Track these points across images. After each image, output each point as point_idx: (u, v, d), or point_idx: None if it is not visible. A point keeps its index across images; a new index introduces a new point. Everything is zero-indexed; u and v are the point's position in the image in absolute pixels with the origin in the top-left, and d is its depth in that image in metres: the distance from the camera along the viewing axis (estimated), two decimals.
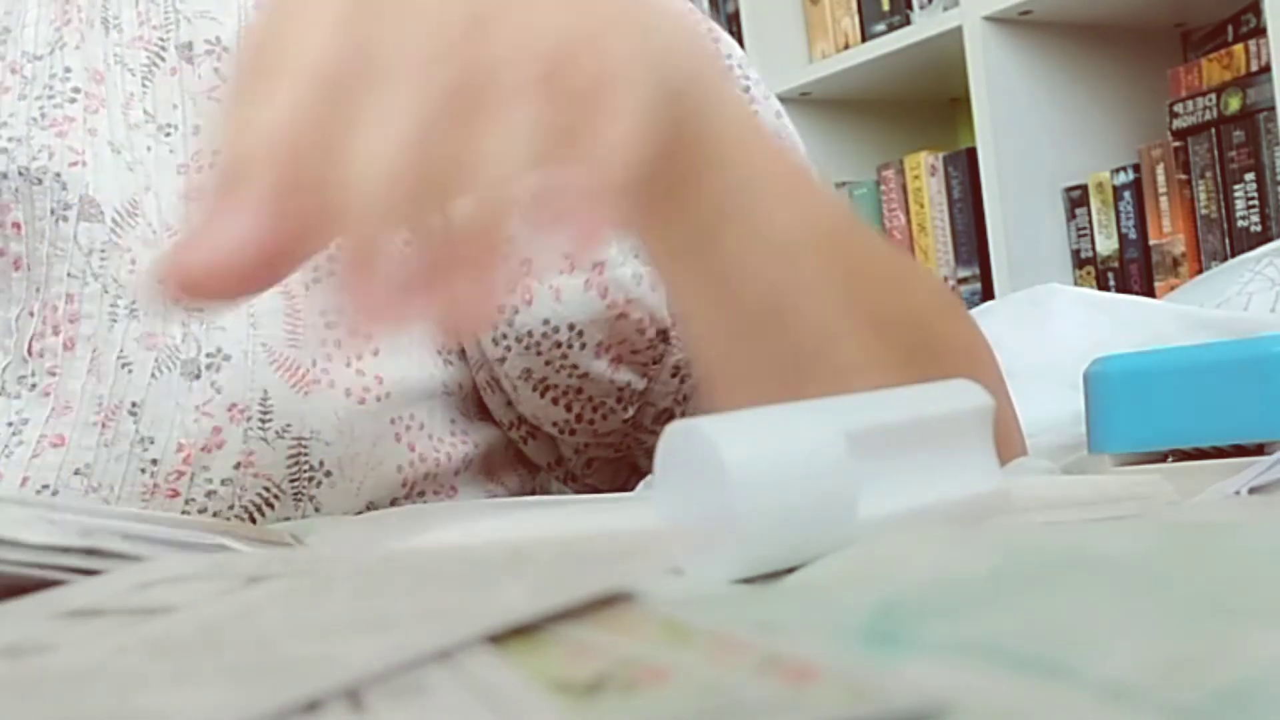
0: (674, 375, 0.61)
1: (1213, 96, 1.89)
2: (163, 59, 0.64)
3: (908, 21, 2.12)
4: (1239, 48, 1.87)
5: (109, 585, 0.22)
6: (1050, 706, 0.13)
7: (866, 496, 0.25)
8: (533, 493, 0.68)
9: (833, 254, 0.49)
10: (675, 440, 0.26)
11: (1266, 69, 1.77)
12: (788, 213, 0.48)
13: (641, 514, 0.34)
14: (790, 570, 0.23)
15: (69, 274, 0.59)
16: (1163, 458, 0.46)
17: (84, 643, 0.18)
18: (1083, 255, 2.04)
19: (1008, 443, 0.54)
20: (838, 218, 0.53)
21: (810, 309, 0.48)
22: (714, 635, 0.16)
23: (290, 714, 0.14)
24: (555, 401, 0.61)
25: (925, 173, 2.21)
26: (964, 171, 2.14)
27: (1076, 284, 1.99)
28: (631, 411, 0.62)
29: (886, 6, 2.16)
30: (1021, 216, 1.98)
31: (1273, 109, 1.79)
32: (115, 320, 0.58)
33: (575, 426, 0.62)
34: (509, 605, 0.17)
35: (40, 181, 0.60)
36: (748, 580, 0.24)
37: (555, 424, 0.62)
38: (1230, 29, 1.94)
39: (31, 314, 0.59)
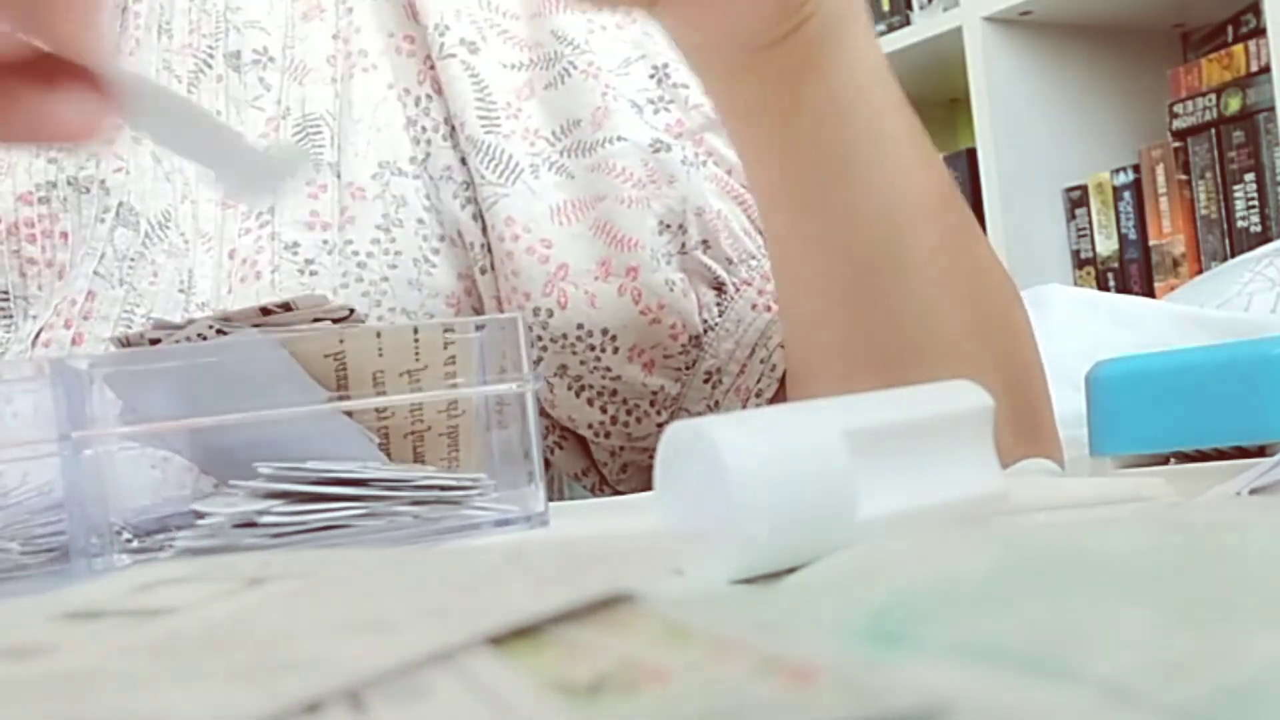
0: (706, 381, 0.62)
1: (1213, 97, 1.89)
2: (210, 66, 0.65)
3: (908, 22, 2.12)
4: (1239, 48, 1.87)
5: (109, 587, 0.22)
6: (1050, 706, 0.13)
7: (866, 496, 0.25)
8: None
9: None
10: (676, 440, 0.26)
11: (1266, 69, 1.77)
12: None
13: (641, 515, 0.34)
14: (790, 570, 0.23)
15: (95, 272, 0.60)
16: (1164, 460, 0.46)
17: (84, 644, 0.18)
18: (1083, 255, 2.04)
19: (1038, 431, 0.54)
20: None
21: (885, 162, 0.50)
22: (714, 636, 0.16)
23: (291, 715, 0.14)
24: (590, 402, 0.62)
25: None
26: (964, 171, 2.14)
27: (1076, 284, 1.99)
28: (665, 416, 0.62)
29: (886, 6, 2.16)
30: (1021, 216, 1.98)
31: (1273, 109, 1.79)
32: (130, 327, 0.58)
33: (610, 429, 0.62)
34: (509, 606, 0.17)
35: (88, 190, 0.61)
36: (748, 580, 0.24)
37: (590, 426, 0.62)
38: (1230, 29, 1.94)
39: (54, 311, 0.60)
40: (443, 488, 0.39)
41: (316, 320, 0.41)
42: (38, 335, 0.59)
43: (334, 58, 0.64)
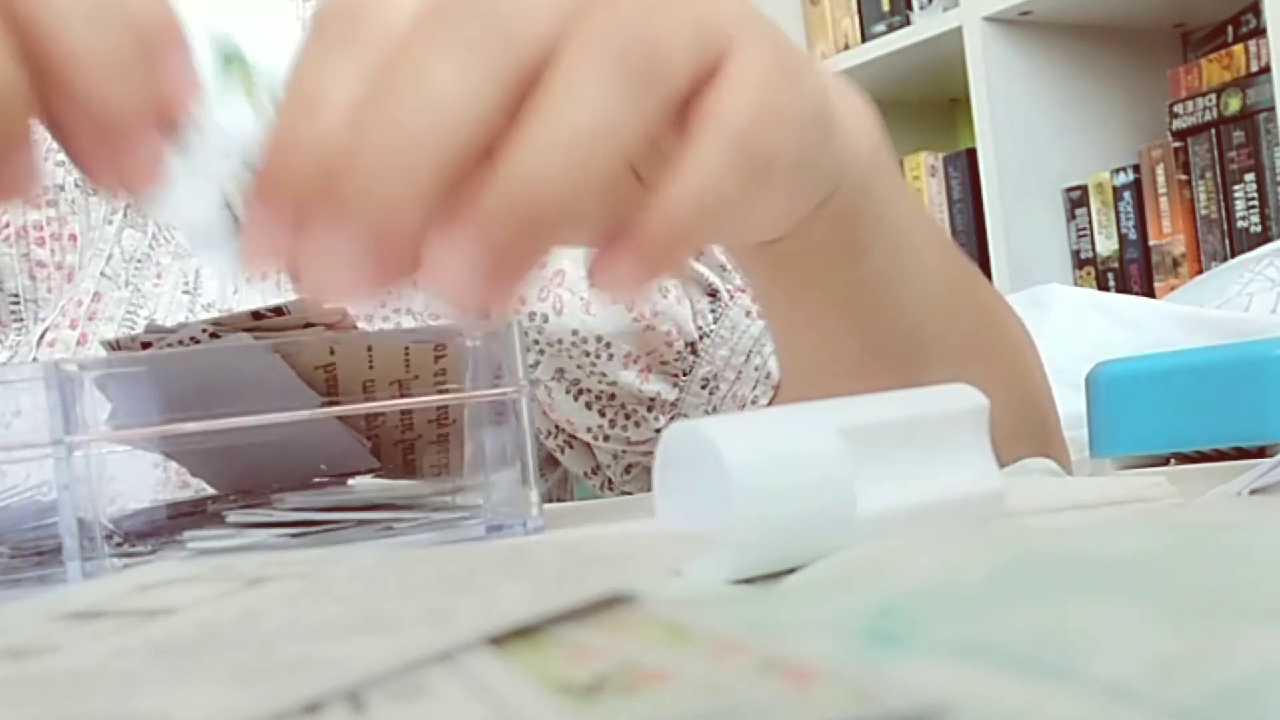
0: (703, 387, 0.62)
1: (1213, 97, 1.89)
2: None
3: (908, 22, 2.12)
4: (1239, 48, 1.87)
5: (109, 587, 0.22)
6: (1050, 706, 0.13)
7: (865, 494, 0.25)
8: (561, 498, 0.69)
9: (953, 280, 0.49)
10: (675, 441, 0.26)
11: (1266, 69, 1.77)
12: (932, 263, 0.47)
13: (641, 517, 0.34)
14: (790, 570, 0.23)
15: (102, 273, 0.60)
16: (1164, 461, 0.46)
17: (85, 644, 0.18)
18: (1083, 255, 2.04)
19: (1049, 439, 0.54)
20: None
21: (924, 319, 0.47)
22: (714, 636, 0.16)
23: (291, 715, 0.14)
24: (589, 406, 0.62)
25: (925, 173, 2.21)
26: (964, 172, 2.14)
27: (1076, 284, 1.99)
28: (664, 421, 0.62)
29: (886, 6, 2.16)
30: (1021, 217, 1.98)
31: (1273, 109, 1.79)
32: (134, 328, 0.58)
33: (609, 433, 0.63)
34: (509, 606, 0.17)
35: (95, 192, 0.61)
36: (748, 581, 0.24)
37: (589, 429, 0.63)
38: (1230, 29, 1.94)
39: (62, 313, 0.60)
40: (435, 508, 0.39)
41: (309, 325, 0.41)
42: (43, 335, 0.59)
43: None
